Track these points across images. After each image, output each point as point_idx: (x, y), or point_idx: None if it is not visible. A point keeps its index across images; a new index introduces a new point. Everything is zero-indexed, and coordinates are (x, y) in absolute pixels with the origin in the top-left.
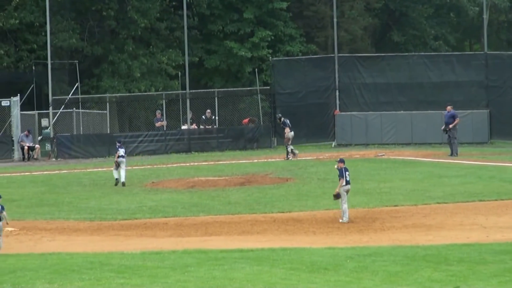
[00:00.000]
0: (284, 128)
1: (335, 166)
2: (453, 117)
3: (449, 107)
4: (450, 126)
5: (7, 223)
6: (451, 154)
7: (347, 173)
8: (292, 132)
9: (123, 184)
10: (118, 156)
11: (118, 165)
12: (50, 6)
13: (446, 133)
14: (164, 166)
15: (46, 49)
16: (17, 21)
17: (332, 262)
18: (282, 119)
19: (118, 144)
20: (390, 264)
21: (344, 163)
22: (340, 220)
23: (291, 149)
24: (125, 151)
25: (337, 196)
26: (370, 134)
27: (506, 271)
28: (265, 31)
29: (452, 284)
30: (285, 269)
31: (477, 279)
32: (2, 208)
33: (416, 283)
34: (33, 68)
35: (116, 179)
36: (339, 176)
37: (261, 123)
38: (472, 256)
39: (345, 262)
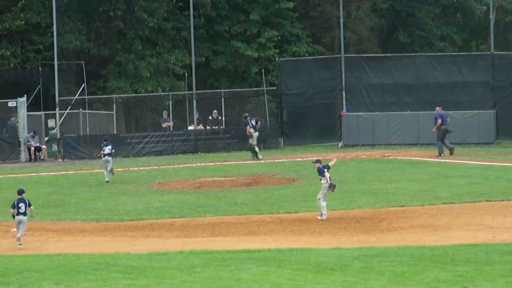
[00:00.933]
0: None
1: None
2: (435, 119)
3: (437, 108)
4: (433, 129)
5: (32, 216)
6: (450, 153)
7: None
8: (257, 133)
9: (107, 181)
10: (104, 154)
11: (105, 164)
12: (57, 7)
13: (448, 132)
14: (171, 166)
15: (53, 50)
16: (23, 22)
17: (339, 263)
18: (247, 118)
19: (104, 142)
20: (397, 264)
21: (320, 163)
22: (319, 217)
23: (256, 151)
24: (112, 148)
25: (332, 187)
26: (377, 135)
27: None
28: (271, 31)
29: (459, 285)
30: (291, 270)
31: (484, 279)
32: (29, 204)
33: (422, 283)
34: (40, 69)
35: (107, 181)
36: (319, 175)
37: (268, 123)
38: (479, 256)
39: (352, 262)
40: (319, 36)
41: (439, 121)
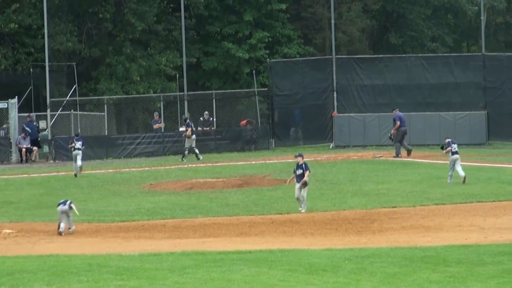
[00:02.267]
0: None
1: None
2: (394, 121)
3: (394, 110)
4: (392, 131)
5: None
6: (408, 154)
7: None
8: (194, 136)
9: (76, 175)
10: (74, 149)
11: (75, 158)
12: (48, 9)
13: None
14: (162, 168)
15: (44, 51)
16: (16, 26)
17: (330, 264)
18: (187, 121)
19: (76, 137)
20: (388, 265)
21: (302, 158)
22: (301, 209)
23: (197, 153)
24: (82, 144)
25: (305, 184)
26: (368, 136)
27: (505, 272)
28: (262, 33)
29: (450, 286)
30: (283, 271)
31: (476, 280)
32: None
33: (414, 284)
34: (31, 70)
35: (75, 174)
36: (305, 169)
37: (259, 124)
38: (471, 257)
39: (343, 263)
40: (311, 38)
41: (398, 123)
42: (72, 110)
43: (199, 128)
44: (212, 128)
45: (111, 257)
